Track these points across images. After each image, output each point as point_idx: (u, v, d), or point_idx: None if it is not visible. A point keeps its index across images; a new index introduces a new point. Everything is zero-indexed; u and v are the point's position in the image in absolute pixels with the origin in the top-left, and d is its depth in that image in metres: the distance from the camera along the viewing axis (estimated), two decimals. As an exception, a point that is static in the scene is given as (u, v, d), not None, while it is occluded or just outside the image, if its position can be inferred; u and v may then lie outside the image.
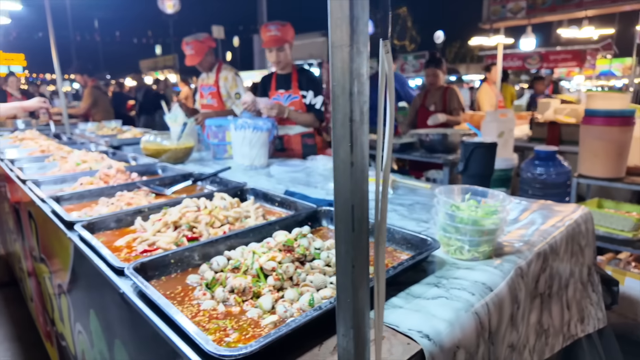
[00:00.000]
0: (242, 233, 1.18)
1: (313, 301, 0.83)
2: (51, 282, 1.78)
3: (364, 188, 0.50)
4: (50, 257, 1.71)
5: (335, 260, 0.53)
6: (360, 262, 0.52)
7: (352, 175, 0.48)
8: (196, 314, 0.84)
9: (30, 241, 2.15)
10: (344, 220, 0.50)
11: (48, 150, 2.95)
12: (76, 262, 1.30)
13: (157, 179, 1.94)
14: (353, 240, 0.50)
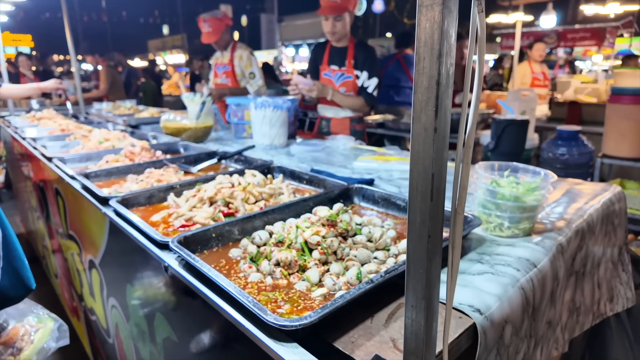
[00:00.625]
0: (279, 209, 1.17)
1: (360, 275, 0.83)
2: (80, 258, 1.81)
3: (445, 156, 0.49)
4: (80, 233, 1.73)
5: (408, 231, 0.52)
6: (435, 232, 0.51)
7: (435, 142, 0.47)
8: (244, 286, 0.84)
9: (55, 218, 2.18)
10: (422, 189, 0.49)
11: (67, 129, 2.96)
12: (111, 238, 1.32)
13: (182, 157, 1.94)
14: (430, 210, 0.49)
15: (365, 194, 1.36)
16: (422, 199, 0.50)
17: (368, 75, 2.73)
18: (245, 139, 2.84)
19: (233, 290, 0.74)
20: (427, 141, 0.47)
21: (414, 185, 0.50)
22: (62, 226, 2.04)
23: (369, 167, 1.92)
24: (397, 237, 1.08)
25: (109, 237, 1.34)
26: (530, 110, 3.11)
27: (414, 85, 0.47)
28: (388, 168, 1.89)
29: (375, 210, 1.31)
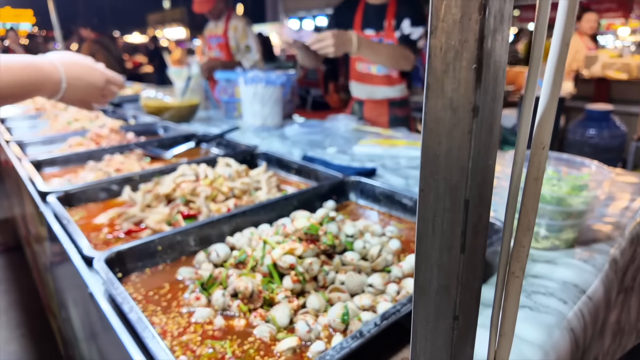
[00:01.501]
0: (252, 210, 0.93)
1: (347, 316, 0.59)
2: (40, 258, 1.60)
3: (491, 163, 0.24)
4: (34, 228, 1.52)
5: (414, 304, 0.28)
6: (468, 313, 0.26)
7: (474, 135, 0.22)
8: (185, 328, 0.61)
9: (20, 207, 1.97)
10: (443, 226, 0.24)
11: (43, 108, 2.73)
12: (52, 243, 1.09)
13: (156, 140, 1.70)
14: (460, 270, 0.25)
15: (363, 189, 1.11)
16: (443, 246, 0.25)
17: (411, 23, 1.98)
18: (237, 119, 2.58)
19: (152, 346, 0.51)
20: (457, 133, 0.22)
21: (426, 217, 0.26)
22: (23, 219, 1.83)
23: (371, 153, 1.66)
24: (402, 251, 0.84)
25: (50, 241, 1.12)
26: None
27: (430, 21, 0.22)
28: (394, 154, 1.63)
29: (376, 210, 1.06)
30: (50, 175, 1.42)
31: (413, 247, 0.85)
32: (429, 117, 0.24)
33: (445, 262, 0.26)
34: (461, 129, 0.23)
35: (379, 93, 2.29)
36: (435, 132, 0.24)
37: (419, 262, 0.27)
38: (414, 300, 0.29)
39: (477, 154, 0.23)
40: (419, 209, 0.26)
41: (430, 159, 0.25)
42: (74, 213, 1.06)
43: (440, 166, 0.24)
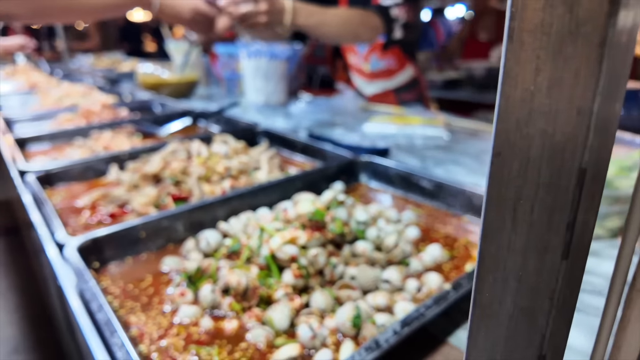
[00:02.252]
0: (250, 193, 0.84)
1: (359, 319, 0.50)
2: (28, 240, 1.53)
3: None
4: (21, 212, 1.44)
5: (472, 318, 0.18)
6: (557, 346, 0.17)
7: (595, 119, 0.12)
8: (166, 330, 0.52)
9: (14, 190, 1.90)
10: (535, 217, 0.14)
11: (37, 85, 2.64)
12: (30, 227, 1.01)
13: (150, 117, 1.61)
14: (562, 283, 0.15)
15: (376, 169, 1.01)
16: (531, 247, 0.15)
17: None
18: (239, 96, 2.47)
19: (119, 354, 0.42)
20: (571, 121, 0.12)
21: (501, 199, 0.16)
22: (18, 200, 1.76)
23: (383, 131, 1.55)
24: (421, 240, 0.74)
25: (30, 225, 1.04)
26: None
27: None
28: (408, 133, 1.52)
29: (389, 194, 0.96)
30: (35, 153, 1.33)
31: (434, 235, 0.75)
32: (519, 24, 0.14)
33: (532, 273, 0.16)
34: (583, 39, 0.13)
35: (380, 87, 2.10)
36: (530, 47, 0.14)
37: (483, 269, 0.17)
38: (471, 326, 0.19)
39: (606, 85, 0.13)
40: (489, 185, 0.16)
41: (518, 100, 0.14)
42: (55, 194, 0.97)
43: (536, 110, 0.14)
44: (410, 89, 2.11)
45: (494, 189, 0.16)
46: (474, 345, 0.19)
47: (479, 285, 0.18)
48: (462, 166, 1.16)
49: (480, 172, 1.11)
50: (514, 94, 0.15)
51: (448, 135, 1.48)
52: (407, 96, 2.11)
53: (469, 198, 0.82)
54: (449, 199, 0.86)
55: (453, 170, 1.13)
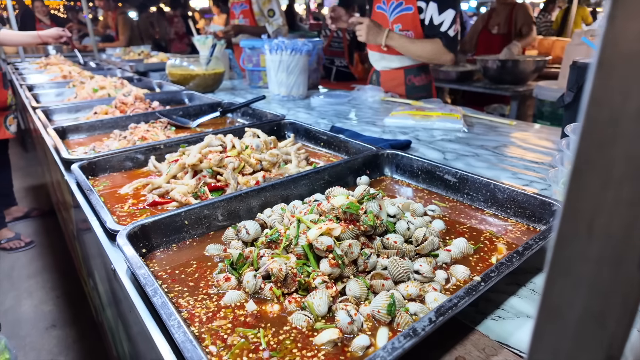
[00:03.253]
0: (281, 184, 0.86)
1: (394, 308, 0.51)
2: (68, 225, 1.59)
3: None
4: (61, 196, 1.49)
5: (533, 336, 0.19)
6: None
7: None
8: (214, 313, 0.54)
9: (50, 175, 1.96)
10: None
11: (70, 76, 2.69)
12: (77, 212, 1.05)
13: (180, 109, 1.63)
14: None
15: (400, 163, 1.01)
16: (606, 258, 0.16)
17: (438, 7, 1.78)
18: (261, 88, 2.48)
19: (178, 336, 0.44)
20: None
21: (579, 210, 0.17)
22: (52, 185, 1.82)
23: (403, 124, 1.55)
24: (447, 233, 0.75)
25: (74, 210, 1.08)
26: (601, 56, 2.57)
27: None
28: (428, 126, 1.51)
29: (413, 187, 0.97)
30: (75, 142, 1.37)
31: (459, 229, 0.76)
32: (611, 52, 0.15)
33: (606, 280, 0.17)
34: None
35: (393, 62, 2.10)
36: (620, 74, 0.14)
37: (553, 274, 0.18)
38: (536, 326, 0.20)
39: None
40: (568, 196, 0.17)
41: (603, 122, 0.15)
42: (98, 182, 1.01)
43: (622, 134, 0.15)
44: (420, 73, 2.11)
45: (572, 201, 0.17)
46: (538, 344, 0.20)
47: (549, 288, 0.19)
48: (482, 160, 1.16)
49: (499, 166, 1.11)
50: (599, 117, 0.15)
51: (467, 129, 1.47)
52: (416, 79, 2.12)
53: (493, 192, 0.83)
54: (472, 193, 0.86)
55: (473, 163, 1.13)
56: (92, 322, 2.18)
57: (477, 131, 1.47)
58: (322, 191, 0.91)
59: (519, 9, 3.47)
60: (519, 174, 1.05)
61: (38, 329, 2.22)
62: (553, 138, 1.39)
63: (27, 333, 2.19)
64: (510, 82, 3.02)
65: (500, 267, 0.55)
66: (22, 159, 4.91)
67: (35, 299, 2.46)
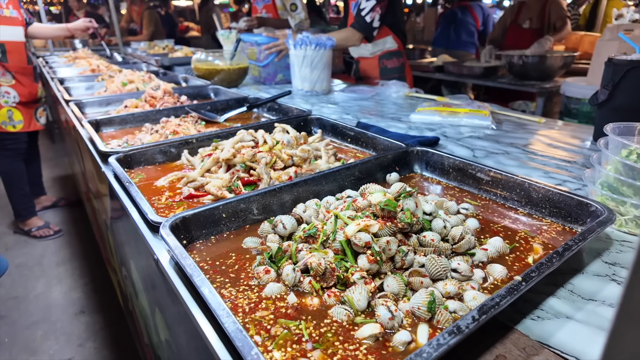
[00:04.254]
0: (313, 180, 0.87)
1: (434, 304, 0.52)
2: (99, 214, 1.64)
3: None
4: (94, 188, 1.54)
5: None
6: None
7: None
8: (256, 304, 0.56)
9: (80, 165, 2.03)
10: None
11: (98, 69, 2.76)
12: (113, 202, 1.09)
13: (208, 104, 1.66)
14: None
15: (430, 160, 1.01)
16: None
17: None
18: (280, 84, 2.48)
19: (228, 325, 0.46)
20: None
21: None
22: (84, 178, 1.87)
23: (430, 120, 1.54)
24: (481, 231, 0.75)
25: (111, 200, 1.12)
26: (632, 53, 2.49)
27: None
28: (455, 123, 1.50)
29: (443, 184, 0.97)
30: (108, 135, 1.41)
31: (493, 228, 0.76)
32: None
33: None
34: None
35: (365, 50, 2.51)
36: None
37: (636, 279, 0.19)
38: (614, 329, 0.20)
39: None
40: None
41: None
42: (134, 175, 1.04)
43: None
44: (392, 57, 2.49)
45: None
46: (615, 346, 0.21)
47: (630, 292, 0.19)
48: (512, 158, 1.15)
49: (531, 164, 1.10)
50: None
51: (495, 126, 1.45)
52: (388, 62, 2.49)
53: (527, 191, 0.82)
54: (506, 192, 0.86)
55: (504, 161, 1.12)
56: (119, 309, 2.26)
57: (505, 128, 1.45)
58: (352, 187, 0.92)
59: (552, 3, 3.37)
60: (551, 173, 1.04)
61: (68, 315, 2.31)
62: (583, 136, 1.36)
63: (57, 318, 2.28)
64: (537, 78, 2.96)
65: (540, 268, 0.55)
66: (50, 150, 5.07)
67: (65, 286, 2.55)
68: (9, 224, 3.25)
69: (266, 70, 2.41)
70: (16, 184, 2.94)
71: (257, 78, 2.56)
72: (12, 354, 2.04)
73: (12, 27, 2.67)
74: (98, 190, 1.45)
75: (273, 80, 2.44)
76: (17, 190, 2.96)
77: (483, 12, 4.09)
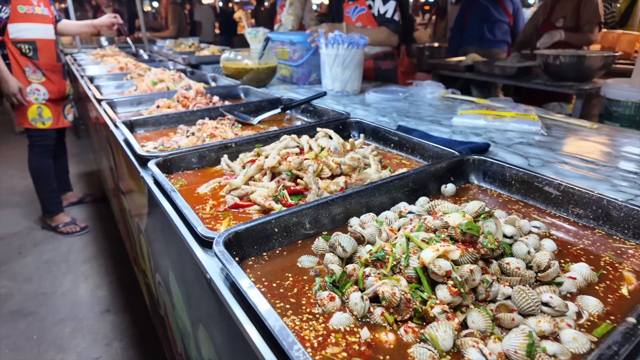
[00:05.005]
0: (366, 191, 0.81)
1: (533, 347, 0.45)
2: (131, 217, 1.61)
3: None
4: (127, 189, 1.51)
5: None
6: None
7: None
8: (324, 338, 0.50)
9: (110, 163, 2.01)
10: None
11: (127, 67, 2.75)
12: (152, 207, 1.05)
13: (240, 105, 1.61)
14: None
15: (489, 170, 0.94)
16: None
17: (382, 1, 2.29)
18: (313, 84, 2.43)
19: None
20: None
21: None
22: (114, 177, 1.85)
23: (474, 124, 1.46)
24: (558, 253, 0.67)
25: (149, 205, 1.08)
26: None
27: None
28: (501, 127, 1.42)
29: (505, 197, 0.89)
30: (142, 137, 1.38)
31: (572, 250, 0.68)
32: None
33: None
34: None
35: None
36: None
37: None
38: None
39: None
40: None
41: None
42: (174, 181, 0.99)
43: None
44: (386, 59, 2.54)
45: None
46: None
47: None
48: (572, 167, 1.06)
49: (593, 175, 1.01)
50: None
51: (544, 131, 1.36)
52: (382, 64, 2.54)
53: (606, 209, 0.74)
54: (579, 208, 0.78)
55: (563, 172, 1.03)
56: (144, 309, 2.24)
57: (556, 134, 1.36)
58: (405, 199, 0.85)
59: (586, 3, 3.21)
60: (619, 186, 0.95)
61: (94, 313, 2.31)
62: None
63: (84, 316, 2.28)
64: (574, 79, 2.82)
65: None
66: (75, 146, 5.14)
67: (91, 283, 2.56)
68: (37, 220, 3.29)
69: (300, 69, 2.35)
70: (44, 180, 2.97)
71: (286, 78, 2.51)
72: (40, 350, 2.05)
73: (43, 25, 2.68)
74: (132, 195, 1.41)
75: (307, 80, 2.38)
76: (45, 186, 2.99)
77: (513, 5, 3.91)
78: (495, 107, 1.61)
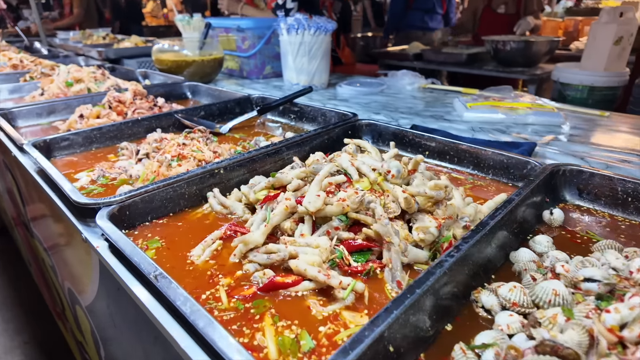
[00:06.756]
0: (480, 242, 0.51)
1: None
2: (54, 272, 1.14)
3: None
4: (46, 237, 1.05)
5: None
6: None
7: None
8: None
9: (12, 201, 1.47)
10: None
11: (22, 65, 2.12)
12: (112, 296, 0.65)
13: (200, 108, 1.22)
14: None
15: (589, 183, 0.70)
16: None
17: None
18: (269, 78, 2.05)
19: None
20: None
21: None
22: (17, 204, 1.34)
23: (489, 119, 1.24)
24: None
25: (103, 286, 0.67)
26: (629, 36, 2.40)
27: None
28: (520, 121, 1.22)
29: (620, 220, 0.66)
30: (66, 163, 0.94)
31: None
32: None
33: None
34: None
35: None
36: None
37: None
38: None
39: None
40: None
41: None
42: (145, 243, 0.61)
43: None
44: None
45: None
46: None
47: None
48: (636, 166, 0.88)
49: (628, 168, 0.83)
50: None
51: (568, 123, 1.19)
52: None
53: None
54: None
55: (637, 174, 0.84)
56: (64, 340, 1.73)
57: (581, 126, 1.19)
58: (515, 242, 0.58)
59: None
60: None
61: (8, 390, 1.74)
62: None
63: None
64: (522, 64, 2.81)
65: None
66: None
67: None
68: None
69: (252, 61, 1.97)
70: None
71: (233, 71, 2.11)
72: None
73: None
74: (56, 245, 0.96)
75: (261, 73, 2.00)
76: None
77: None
78: (496, 97, 1.42)
